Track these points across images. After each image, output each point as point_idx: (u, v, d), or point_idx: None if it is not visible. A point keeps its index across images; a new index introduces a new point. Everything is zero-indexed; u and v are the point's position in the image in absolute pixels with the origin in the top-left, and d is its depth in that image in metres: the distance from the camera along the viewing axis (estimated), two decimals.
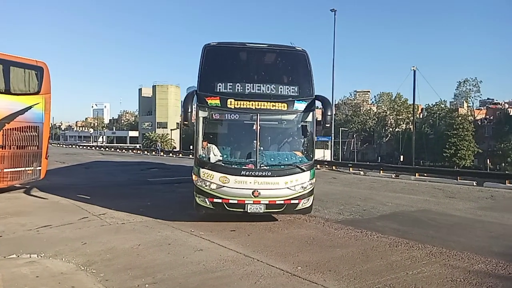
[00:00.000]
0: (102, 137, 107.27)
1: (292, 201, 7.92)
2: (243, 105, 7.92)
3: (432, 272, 5.49)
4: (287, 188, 7.81)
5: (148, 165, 26.11)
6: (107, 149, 61.51)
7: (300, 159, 8.26)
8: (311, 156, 8.37)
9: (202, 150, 8.07)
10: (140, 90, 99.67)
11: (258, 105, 7.93)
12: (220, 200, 7.75)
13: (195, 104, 7.93)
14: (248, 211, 7.76)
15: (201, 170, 7.83)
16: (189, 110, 7.45)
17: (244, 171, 7.72)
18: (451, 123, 59.59)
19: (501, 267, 5.75)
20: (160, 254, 6.15)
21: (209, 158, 7.98)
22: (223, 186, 7.67)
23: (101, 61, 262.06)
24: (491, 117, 68.53)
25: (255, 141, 7.90)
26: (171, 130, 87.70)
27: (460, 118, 59.66)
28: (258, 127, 7.89)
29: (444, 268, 5.66)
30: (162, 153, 48.29)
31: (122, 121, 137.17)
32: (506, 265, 5.78)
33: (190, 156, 40.09)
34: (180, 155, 44.37)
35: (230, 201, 7.74)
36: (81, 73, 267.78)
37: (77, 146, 71.37)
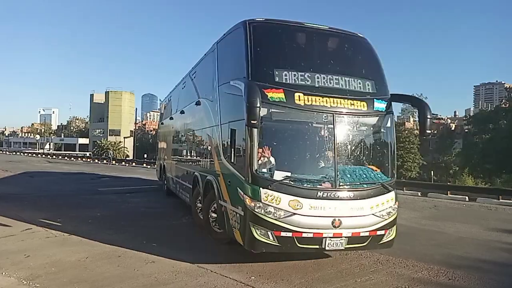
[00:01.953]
0: (49, 144, 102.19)
1: (378, 232, 6.07)
2: (315, 101, 6.00)
3: (379, 279, 5.73)
4: (373, 214, 6.00)
5: (99, 174, 25.14)
6: (54, 156, 58.50)
7: (379, 175, 6.31)
8: (393, 171, 6.52)
9: (260, 162, 5.85)
10: (92, 95, 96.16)
11: (333, 103, 6.07)
12: (290, 234, 5.64)
13: (243, 98, 5.73)
14: (326, 248, 5.81)
15: (263, 191, 5.66)
16: (258, 105, 5.38)
17: (321, 192, 5.75)
18: (398, 136, 62.24)
19: (442, 273, 6.08)
20: (109, 267, 5.92)
21: (271, 175, 5.81)
22: (294, 214, 5.64)
23: (49, 65, 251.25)
24: (435, 131, 72.68)
25: (332, 151, 6.03)
26: (124, 138, 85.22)
27: (406, 132, 62.70)
28: (335, 132, 6.08)
29: (390, 276, 5.91)
30: (114, 162, 46.66)
31: (72, 128, 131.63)
32: (447, 272, 6.12)
33: (144, 165, 39.27)
34: (134, 164, 42.82)
35: (304, 235, 5.66)
36: (27, 77, 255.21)
37: (22, 153, 67.27)
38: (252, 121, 5.39)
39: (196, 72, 10.46)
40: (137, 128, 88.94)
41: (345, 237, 5.83)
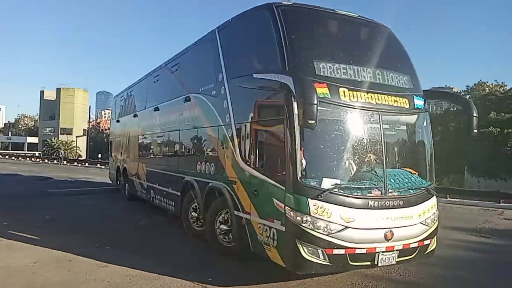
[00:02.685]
0: None
1: (425, 242, 5.56)
2: (361, 98, 5.31)
3: (334, 277, 5.83)
4: (420, 223, 5.45)
5: (49, 175, 23.94)
6: (0, 156, 55.29)
7: (420, 179, 5.78)
8: (432, 175, 6.02)
9: (304, 167, 5.00)
10: (42, 92, 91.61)
11: (378, 100, 5.43)
12: (342, 251, 4.95)
13: (291, 95, 4.94)
14: (379, 264, 5.21)
15: (311, 202, 4.87)
16: (316, 101, 4.52)
17: (372, 201, 5.12)
18: None
19: (394, 270, 6.26)
20: (59, 272, 5.69)
21: (319, 183, 5.04)
22: (347, 228, 4.95)
23: None
24: None
25: (379, 154, 5.41)
26: (76, 137, 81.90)
27: None
28: (382, 132, 5.48)
29: (344, 273, 6.00)
30: (65, 162, 44.72)
31: (20, 126, 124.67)
32: (398, 268, 6.29)
33: (98, 165, 37.70)
34: (87, 164, 41.41)
35: (357, 251, 5.02)
36: None
37: None
38: (310, 121, 4.54)
39: (180, 64, 9.42)
40: (90, 126, 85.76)
41: (397, 250, 5.27)
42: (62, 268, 5.84)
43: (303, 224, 4.85)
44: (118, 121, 15.36)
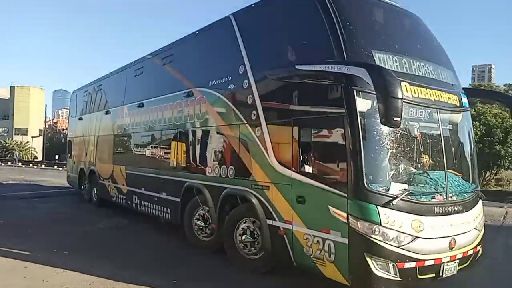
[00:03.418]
0: None
1: (477, 248, 5.20)
2: (421, 93, 4.84)
3: None
4: (474, 228, 5.10)
5: (3, 177, 22.49)
6: None
7: (468, 182, 5.42)
8: (477, 178, 5.74)
9: (369, 171, 4.45)
10: None
11: (436, 96, 4.99)
12: (413, 264, 4.45)
13: (349, 88, 4.48)
14: (443, 275, 4.73)
15: (381, 210, 4.33)
16: (401, 95, 3.98)
17: (437, 207, 4.68)
18: None
19: None
20: (14, 279, 5.40)
21: (386, 189, 4.49)
22: (417, 238, 4.46)
23: None
24: None
25: (439, 155, 4.98)
26: (32, 137, 78.17)
27: None
28: (442, 132, 5.03)
29: None
30: (20, 164, 42.70)
31: None
32: None
33: (55, 166, 36.40)
34: (43, 165, 39.97)
35: (426, 263, 4.54)
36: None
37: None
38: (395, 118, 3.94)
39: (176, 56, 8.40)
40: (47, 126, 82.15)
41: (458, 259, 4.84)
42: (17, 275, 5.56)
43: (373, 236, 4.29)
44: (80, 118, 13.97)
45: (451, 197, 4.88)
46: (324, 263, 4.76)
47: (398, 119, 3.95)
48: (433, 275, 4.69)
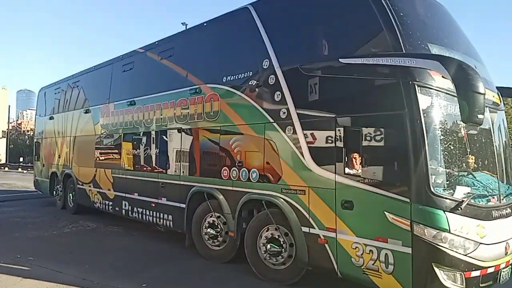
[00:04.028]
0: None
1: None
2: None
3: None
4: None
5: None
6: None
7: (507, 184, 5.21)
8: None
9: (434, 173, 4.13)
10: None
11: (487, 94, 4.53)
12: (478, 273, 4.18)
13: (410, 83, 4.12)
14: (500, 282, 4.49)
15: (449, 216, 4.02)
16: (484, 90, 3.76)
17: (495, 211, 4.42)
18: None
19: None
20: None
21: (451, 193, 4.17)
22: (480, 244, 4.18)
23: None
24: None
25: (493, 155, 4.79)
26: None
27: None
28: (493, 131, 4.82)
29: None
30: None
31: None
32: None
33: (20, 169, 34.98)
34: (6, 168, 38.29)
35: (488, 271, 4.27)
36: None
37: None
38: (480, 116, 3.68)
39: (177, 50, 7.69)
40: (10, 128, 78.48)
41: (510, 264, 4.62)
42: None
43: (441, 244, 3.97)
44: (51, 117, 12.70)
45: (502, 199, 4.65)
46: (379, 275, 4.34)
47: (482, 116, 3.73)
48: (491, 282, 4.44)
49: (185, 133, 7.15)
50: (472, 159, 4.59)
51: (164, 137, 7.72)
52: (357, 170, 4.53)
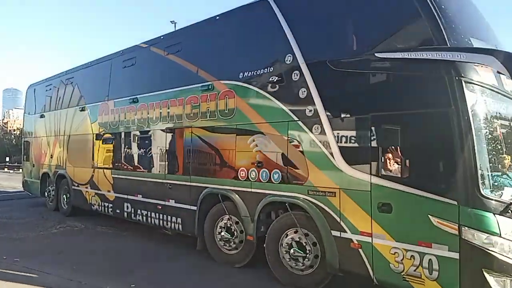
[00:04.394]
0: None
1: None
2: None
3: None
4: None
5: None
6: None
7: None
8: None
9: (482, 174, 3.89)
10: None
11: None
12: None
13: (457, 79, 3.91)
14: None
15: (499, 220, 3.82)
16: None
17: None
18: None
19: None
20: None
21: (500, 195, 4.01)
22: None
23: None
24: None
25: None
26: None
27: None
28: None
29: None
30: None
31: None
32: None
33: (5, 169, 34.14)
34: None
35: None
36: None
37: None
38: None
39: (185, 44, 7.33)
40: None
41: None
42: None
43: (492, 249, 3.75)
44: (42, 116, 12.18)
45: None
46: (422, 281, 4.11)
47: None
48: None
49: (194, 132, 6.79)
50: (501, 156, 4.32)
51: (171, 136, 7.33)
52: (396, 171, 4.28)
